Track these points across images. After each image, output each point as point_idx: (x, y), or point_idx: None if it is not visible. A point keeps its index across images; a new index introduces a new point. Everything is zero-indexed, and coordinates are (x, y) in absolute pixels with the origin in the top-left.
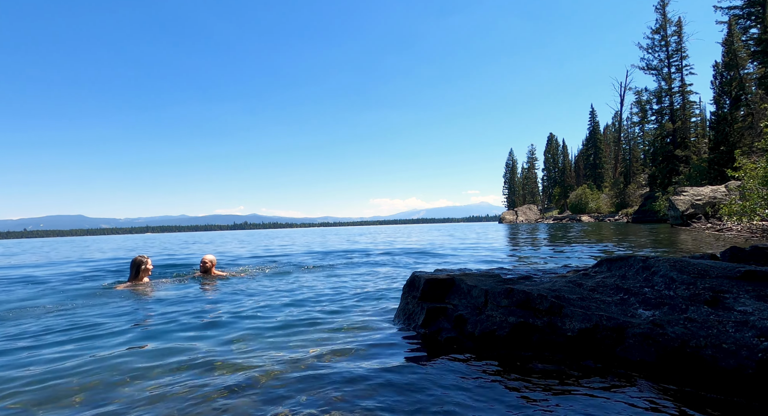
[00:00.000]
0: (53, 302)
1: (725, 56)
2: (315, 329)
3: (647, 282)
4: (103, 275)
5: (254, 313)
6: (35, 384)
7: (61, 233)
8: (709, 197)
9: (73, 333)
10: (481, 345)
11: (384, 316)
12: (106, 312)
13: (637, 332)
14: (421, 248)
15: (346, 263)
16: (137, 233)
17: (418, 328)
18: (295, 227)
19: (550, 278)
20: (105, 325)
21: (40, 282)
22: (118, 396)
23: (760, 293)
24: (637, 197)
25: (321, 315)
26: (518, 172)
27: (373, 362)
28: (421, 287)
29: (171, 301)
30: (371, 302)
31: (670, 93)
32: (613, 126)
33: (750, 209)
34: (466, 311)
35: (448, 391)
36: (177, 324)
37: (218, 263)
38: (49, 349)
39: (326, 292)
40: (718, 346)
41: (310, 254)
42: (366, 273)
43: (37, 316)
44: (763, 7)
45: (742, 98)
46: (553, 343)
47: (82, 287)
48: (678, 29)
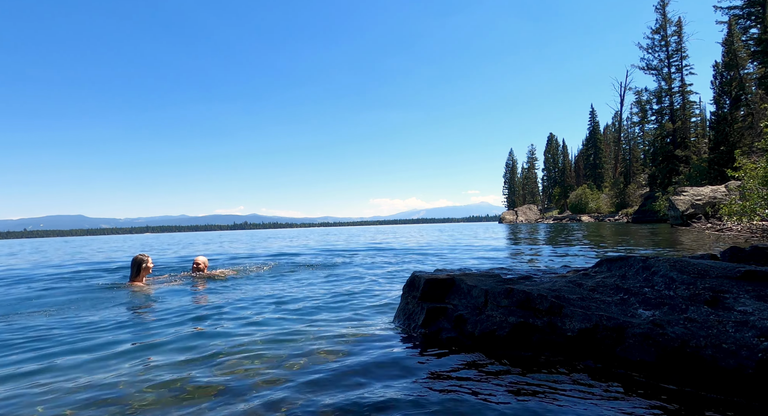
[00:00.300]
0: (49, 303)
1: (725, 56)
2: (314, 328)
3: (647, 282)
4: (101, 274)
5: (249, 312)
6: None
7: (61, 233)
8: (709, 197)
9: (64, 334)
10: (481, 345)
11: (384, 316)
12: (99, 313)
13: (637, 332)
14: (421, 248)
15: (346, 262)
16: (137, 233)
17: (418, 328)
18: (295, 227)
19: (550, 278)
20: (97, 324)
21: (37, 280)
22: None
23: (760, 293)
24: (637, 197)
25: (319, 314)
26: (518, 172)
27: (372, 362)
28: (421, 287)
29: (167, 300)
30: (371, 301)
31: (670, 93)
32: (613, 126)
33: (750, 209)
34: (466, 311)
35: (448, 391)
36: (167, 323)
37: (218, 261)
38: (28, 353)
39: (325, 291)
40: (718, 346)
41: (309, 253)
42: (366, 273)
43: (29, 316)
44: (763, 7)
45: (742, 98)
46: (553, 343)
47: (79, 287)
48: (678, 29)
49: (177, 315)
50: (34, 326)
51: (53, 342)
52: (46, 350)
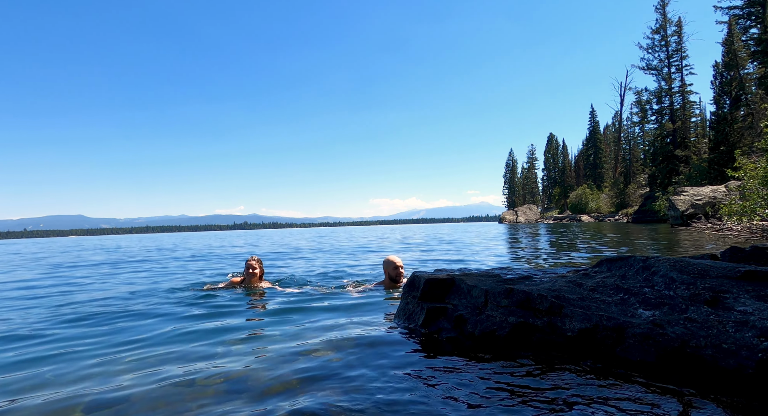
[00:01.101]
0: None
1: (725, 56)
2: (312, 328)
3: (647, 282)
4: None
5: (250, 310)
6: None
7: (61, 232)
8: (709, 197)
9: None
10: (481, 345)
11: (384, 316)
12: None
13: (637, 332)
14: (421, 247)
15: (345, 261)
16: (137, 233)
17: (418, 328)
18: (295, 227)
19: (550, 278)
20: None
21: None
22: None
23: (760, 293)
24: (637, 197)
25: (318, 314)
26: (518, 172)
27: (371, 362)
28: (421, 287)
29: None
30: (370, 301)
31: (670, 93)
32: (613, 126)
33: (750, 209)
34: (466, 311)
35: (447, 391)
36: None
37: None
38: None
39: (323, 290)
40: (718, 346)
41: (308, 252)
42: (365, 272)
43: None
44: (763, 7)
45: (742, 98)
46: (553, 343)
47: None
48: (678, 29)
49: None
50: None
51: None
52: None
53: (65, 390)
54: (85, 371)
